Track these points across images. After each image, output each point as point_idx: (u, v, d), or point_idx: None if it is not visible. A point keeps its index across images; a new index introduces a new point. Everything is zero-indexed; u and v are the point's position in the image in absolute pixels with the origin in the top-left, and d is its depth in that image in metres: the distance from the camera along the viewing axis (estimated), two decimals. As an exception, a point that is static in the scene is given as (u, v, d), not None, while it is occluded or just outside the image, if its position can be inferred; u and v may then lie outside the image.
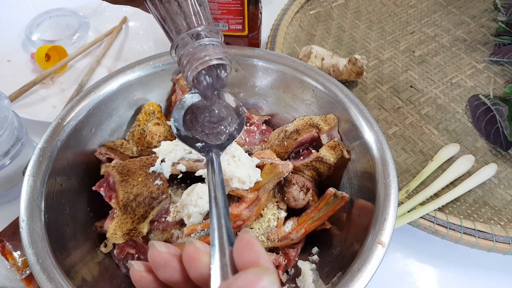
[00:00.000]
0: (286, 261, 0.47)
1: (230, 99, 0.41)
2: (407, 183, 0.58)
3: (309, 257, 0.48)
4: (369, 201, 0.44)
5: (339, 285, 0.38)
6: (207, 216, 0.46)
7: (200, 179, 0.47)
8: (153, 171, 0.46)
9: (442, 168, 0.59)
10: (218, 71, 0.38)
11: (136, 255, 0.46)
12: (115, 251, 0.47)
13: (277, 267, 0.46)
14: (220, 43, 0.37)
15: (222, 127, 0.39)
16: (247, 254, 0.23)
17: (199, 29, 0.36)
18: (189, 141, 0.38)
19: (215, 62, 0.36)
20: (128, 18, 0.79)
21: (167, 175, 0.46)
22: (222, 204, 0.27)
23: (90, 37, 0.77)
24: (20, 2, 0.79)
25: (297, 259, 0.47)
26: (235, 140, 0.39)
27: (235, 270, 0.23)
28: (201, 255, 0.23)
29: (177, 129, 0.38)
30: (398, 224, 0.52)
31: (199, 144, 0.37)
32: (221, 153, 0.36)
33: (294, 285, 0.45)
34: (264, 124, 0.57)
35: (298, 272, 0.46)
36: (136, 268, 0.25)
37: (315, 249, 0.49)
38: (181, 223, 0.47)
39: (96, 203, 0.49)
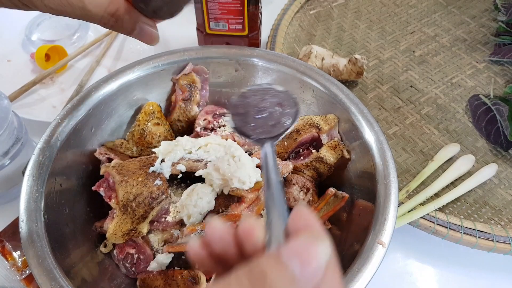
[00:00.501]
0: (286, 261, 0.47)
1: (282, 91, 0.41)
2: (407, 183, 0.58)
3: None
4: (369, 201, 0.44)
5: (339, 285, 0.38)
6: (207, 216, 0.46)
7: (200, 179, 0.47)
8: (153, 171, 0.46)
9: (442, 168, 0.59)
10: None
11: (136, 255, 0.46)
12: (115, 251, 0.47)
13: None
14: None
15: (275, 119, 0.39)
16: (301, 221, 0.23)
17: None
18: (246, 133, 0.38)
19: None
20: (128, 18, 0.79)
21: (167, 175, 0.46)
22: (278, 190, 0.28)
23: (90, 37, 0.77)
24: (20, 2, 0.79)
25: (297, 259, 0.47)
26: (289, 129, 0.39)
27: None
28: (256, 228, 0.24)
29: (235, 123, 0.39)
30: (398, 224, 0.52)
31: (254, 136, 0.38)
32: (275, 142, 0.37)
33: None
34: (264, 124, 0.57)
35: (298, 272, 0.46)
36: (193, 243, 0.25)
37: (315, 249, 0.48)
38: (181, 223, 0.47)
39: (96, 203, 0.49)
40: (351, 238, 0.45)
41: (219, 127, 0.55)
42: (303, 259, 0.20)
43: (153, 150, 0.48)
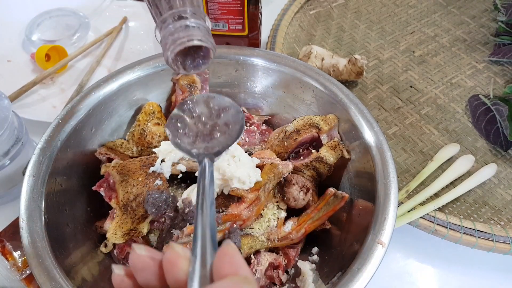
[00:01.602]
0: (286, 261, 0.47)
1: (227, 104, 0.40)
2: (407, 183, 0.58)
3: (309, 257, 0.48)
4: (369, 201, 0.44)
5: (339, 285, 0.38)
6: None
7: (200, 179, 0.47)
8: (153, 171, 0.46)
9: (442, 168, 0.59)
10: (201, 55, 0.36)
11: (136, 255, 0.46)
12: (115, 251, 0.47)
13: (277, 267, 0.46)
14: (204, 26, 0.36)
15: (218, 133, 0.38)
16: (226, 266, 0.22)
17: (182, 10, 0.35)
18: (184, 146, 0.37)
19: (196, 43, 0.34)
20: (128, 18, 0.79)
21: (167, 175, 0.46)
22: (208, 213, 0.26)
23: (90, 37, 0.77)
24: (20, 2, 0.79)
25: (297, 259, 0.47)
26: (230, 147, 0.38)
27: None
28: (180, 260, 0.22)
29: (172, 135, 0.37)
30: (398, 224, 0.52)
31: (194, 150, 0.36)
32: (215, 159, 0.35)
33: (294, 285, 0.45)
34: (264, 124, 0.57)
35: (298, 272, 0.46)
36: (117, 272, 0.24)
37: (315, 249, 0.49)
38: (181, 223, 0.47)
39: (96, 203, 0.49)
40: (350, 238, 0.45)
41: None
42: None
43: (153, 150, 0.48)
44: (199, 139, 0.37)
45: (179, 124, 0.38)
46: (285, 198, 0.48)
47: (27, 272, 0.48)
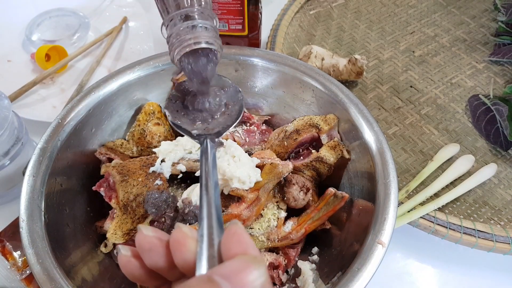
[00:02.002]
0: (286, 261, 0.47)
1: (227, 84, 0.39)
2: (407, 183, 0.58)
3: (309, 257, 0.48)
4: (369, 201, 0.44)
5: (339, 285, 0.38)
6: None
7: (200, 179, 0.47)
8: (153, 171, 0.46)
9: (442, 168, 0.59)
10: (208, 57, 0.35)
11: (136, 255, 0.46)
12: (115, 251, 0.47)
13: (277, 267, 0.46)
14: (212, 26, 0.35)
15: (218, 114, 0.37)
16: (234, 245, 0.21)
17: (189, 9, 0.33)
18: (184, 127, 0.36)
19: (203, 45, 0.33)
20: (128, 18, 0.79)
21: (167, 175, 0.46)
22: (213, 193, 0.26)
23: (90, 37, 0.77)
24: (20, 2, 0.79)
25: (297, 259, 0.47)
26: (232, 127, 0.36)
27: (222, 262, 0.22)
28: (188, 240, 0.22)
29: (172, 116, 0.37)
30: (398, 224, 0.52)
31: (194, 131, 0.35)
32: (216, 140, 0.34)
33: (294, 285, 0.45)
34: (264, 124, 0.57)
35: (298, 272, 0.46)
36: (123, 253, 0.24)
37: (315, 249, 0.49)
38: (181, 223, 0.47)
39: (96, 203, 0.49)
40: (350, 238, 0.45)
41: (219, 127, 0.55)
42: (235, 283, 0.19)
43: (153, 150, 0.48)
44: (199, 120, 0.36)
45: (178, 105, 0.37)
46: (285, 198, 0.48)
47: (27, 272, 0.48)
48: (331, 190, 0.47)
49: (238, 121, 0.36)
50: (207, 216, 0.24)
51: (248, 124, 0.55)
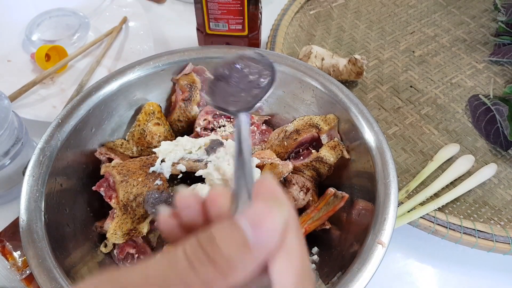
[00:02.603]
0: (286, 261, 0.47)
1: (257, 57, 0.41)
2: (407, 183, 0.58)
3: (309, 257, 0.48)
4: (369, 201, 0.44)
5: (339, 285, 0.38)
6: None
7: (200, 179, 0.47)
8: (153, 171, 0.46)
9: (442, 168, 0.59)
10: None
11: (136, 255, 0.46)
12: (115, 251, 0.47)
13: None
14: None
15: (250, 89, 0.39)
16: (263, 190, 0.23)
17: None
18: (222, 106, 0.38)
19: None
20: (128, 18, 0.79)
21: (167, 175, 0.46)
22: (249, 158, 0.27)
23: (90, 37, 0.77)
24: (20, 2, 0.79)
25: (297, 259, 0.47)
26: (263, 98, 0.39)
27: None
28: (223, 196, 0.24)
29: (212, 99, 0.39)
30: (398, 224, 0.52)
31: (231, 108, 0.37)
32: (250, 111, 0.36)
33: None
34: (264, 124, 0.57)
35: (298, 272, 0.46)
36: (162, 213, 0.25)
37: (315, 249, 0.49)
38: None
39: (96, 203, 0.49)
40: (350, 238, 0.45)
41: (219, 127, 0.55)
42: (255, 222, 0.20)
43: (153, 150, 0.48)
44: (234, 96, 0.38)
45: (216, 88, 0.39)
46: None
47: (27, 272, 0.48)
48: (331, 190, 0.47)
49: (269, 92, 0.38)
50: (241, 176, 0.25)
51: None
